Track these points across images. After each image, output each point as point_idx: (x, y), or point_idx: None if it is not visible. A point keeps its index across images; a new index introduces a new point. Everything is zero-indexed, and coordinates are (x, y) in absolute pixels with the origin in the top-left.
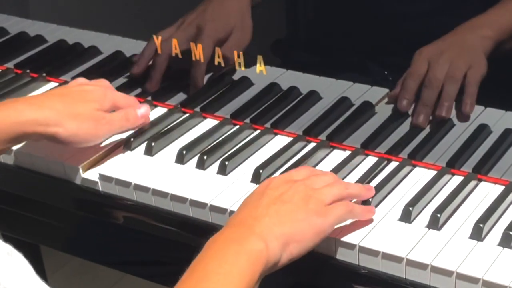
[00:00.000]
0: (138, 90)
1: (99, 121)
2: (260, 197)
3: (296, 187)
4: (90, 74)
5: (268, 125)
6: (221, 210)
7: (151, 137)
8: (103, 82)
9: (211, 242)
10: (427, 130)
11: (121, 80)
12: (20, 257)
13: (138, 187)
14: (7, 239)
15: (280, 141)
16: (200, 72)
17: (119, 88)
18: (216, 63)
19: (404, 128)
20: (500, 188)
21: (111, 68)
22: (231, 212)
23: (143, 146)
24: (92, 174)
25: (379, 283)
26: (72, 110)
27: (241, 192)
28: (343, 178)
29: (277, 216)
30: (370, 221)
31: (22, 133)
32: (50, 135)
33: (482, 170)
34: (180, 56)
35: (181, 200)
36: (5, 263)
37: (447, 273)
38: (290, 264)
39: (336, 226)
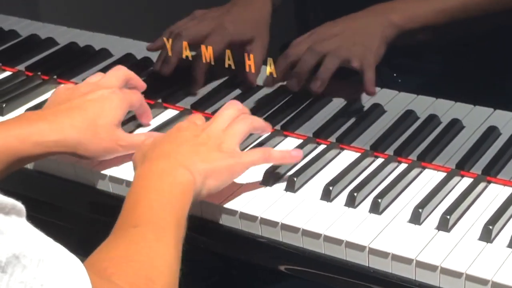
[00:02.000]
0: (148, 92)
1: (117, 142)
2: (175, 137)
3: (208, 132)
4: None
5: (278, 127)
6: None
7: None
8: (120, 70)
9: (142, 174)
10: (437, 132)
11: None
12: (17, 211)
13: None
14: None
15: (290, 143)
16: (203, 73)
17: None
18: (226, 65)
19: (413, 130)
20: (509, 190)
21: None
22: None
23: None
24: (102, 175)
25: (388, 285)
26: (92, 128)
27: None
28: (352, 180)
29: (197, 155)
30: (379, 222)
31: (43, 152)
32: (71, 153)
33: (491, 172)
34: (190, 58)
35: None
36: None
37: (456, 274)
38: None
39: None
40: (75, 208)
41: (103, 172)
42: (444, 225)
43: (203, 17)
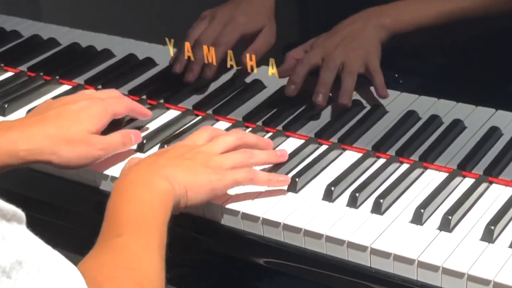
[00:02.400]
0: (151, 93)
1: (93, 146)
2: (161, 153)
3: (198, 151)
4: (103, 77)
5: (280, 128)
6: None
7: (163, 139)
8: (112, 93)
9: (121, 185)
10: (438, 132)
11: (134, 83)
12: (18, 218)
13: None
14: None
15: (292, 143)
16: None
17: (132, 91)
18: (228, 66)
19: (415, 130)
20: (511, 191)
21: (124, 71)
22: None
23: (155, 149)
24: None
25: (390, 285)
26: (65, 134)
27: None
28: (354, 181)
29: (178, 167)
30: (381, 223)
31: (18, 162)
32: (45, 162)
33: (493, 172)
34: (192, 58)
35: None
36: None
37: (458, 275)
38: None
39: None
40: (77, 208)
41: (105, 172)
42: (446, 225)
43: (212, 16)
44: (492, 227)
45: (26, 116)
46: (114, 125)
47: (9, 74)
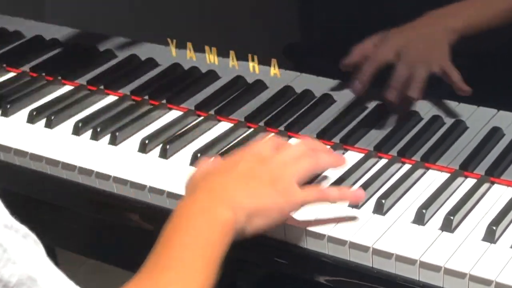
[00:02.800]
0: (153, 93)
1: None
2: (231, 168)
3: (266, 164)
4: (105, 77)
5: (282, 128)
6: None
7: (166, 140)
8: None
9: (183, 210)
10: (440, 132)
11: (136, 84)
12: (34, 239)
13: (153, 190)
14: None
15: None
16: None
17: (134, 92)
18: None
19: (417, 130)
20: None
21: (126, 71)
22: None
23: (158, 149)
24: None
25: (392, 285)
26: None
27: None
28: (356, 181)
29: (246, 190)
30: (383, 223)
31: None
32: None
33: (495, 173)
34: (194, 59)
35: None
36: (22, 245)
37: (460, 275)
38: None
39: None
40: (79, 208)
41: (107, 172)
42: (448, 225)
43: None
44: (494, 228)
45: None
46: None
47: (11, 74)
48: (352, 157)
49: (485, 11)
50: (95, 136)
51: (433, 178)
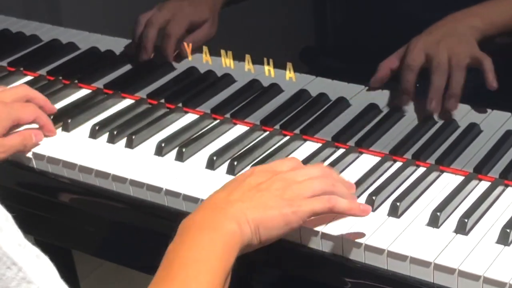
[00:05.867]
0: (169, 97)
1: None
2: (239, 184)
3: (276, 178)
4: (121, 81)
5: (297, 131)
6: None
7: (182, 143)
8: (21, 89)
9: (185, 227)
10: (454, 136)
11: (152, 87)
12: (46, 260)
13: (169, 193)
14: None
15: (309, 147)
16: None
17: (150, 95)
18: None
19: (431, 134)
20: None
21: (143, 75)
22: None
23: (174, 152)
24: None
25: (407, 287)
26: None
27: None
28: (371, 184)
29: (250, 202)
30: (397, 225)
31: None
32: None
33: (509, 176)
34: (210, 63)
35: None
36: (36, 265)
37: (474, 277)
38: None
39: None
40: (95, 211)
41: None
42: (462, 228)
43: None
44: (508, 230)
45: None
46: None
47: (28, 78)
48: (367, 160)
49: (507, 12)
50: (111, 139)
51: (447, 181)
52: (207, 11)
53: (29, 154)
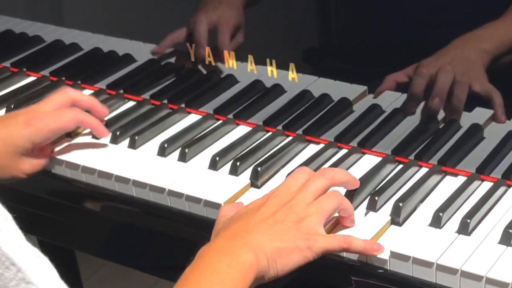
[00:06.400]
0: (172, 97)
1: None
2: (255, 213)
3: (290, 208)
4: (124, 82)
5: (300, 132)
6: None
7: (185, 143)
8: (63, 95)
9: (204, 252)
10: (457, 136)
11: (155, 88)
12: (46, 261)
13: (172, 193)
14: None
15: (311, 147)
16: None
17: (153, 96)
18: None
19: (434, 135)
20: None
21: (146, 75)
22: None
23: (177, 153)
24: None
25: None
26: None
27: None
28: (374, 185)
29: (268, 234)
30: (400, 226)
31: None
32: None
33: (511, 176)
34: (213, 63)
35: (215, 206)
36: (36, 265)
37: (477, 278)
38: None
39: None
40: (97, 211)
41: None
42: (465, 228)
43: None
44: (511, 231)
45: None
46: None
47: (31, 78)
48: (369, 161)
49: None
50: (114, 140)
51: (450, 182)
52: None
53: None
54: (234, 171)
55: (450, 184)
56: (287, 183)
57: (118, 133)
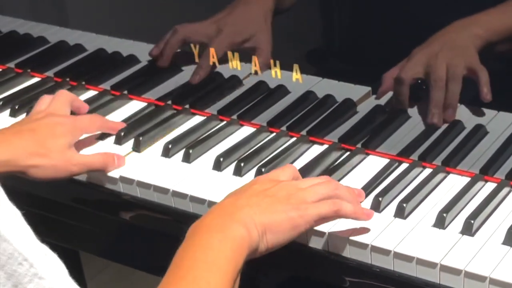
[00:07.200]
0: (176, 98)
1: (69, 161)
2: (244, 190)
3: (282, 185)
4: (128, 82)
5: (304, 132)
6: None
7: (189, 144)
8: (63, 95)
9: (193, 230)
10: (461, 137)
11: (159, 89)
12: (55, 258)
13: (176, 194)
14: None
15: (315, 148)
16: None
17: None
18: (253, 71)
19: (438, 135)
20: None
21: (150, 76)
22: None
23: (181, 154)
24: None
25: None
26: (42, 147)
27: None
28: (378, 185)
29: (257, 207)
30: (404, 227)
31: None
32: (21, 173)
33: None
34: (217, 64)
35: None
36: (46, 261)
37: (480, 278)
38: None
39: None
40: (102, 212)
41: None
42: (468, 229)
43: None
44: None
45: (1, 129)
46: None
47: (35, 79)
48: (373, 161)
49: (509, 18)
50: (118, 141)
51: (454, 182)
52: (253, 28)
53: None
54: (238, 172)
55: (454, 184)
56: (275, 171)
57: (122, 134)
